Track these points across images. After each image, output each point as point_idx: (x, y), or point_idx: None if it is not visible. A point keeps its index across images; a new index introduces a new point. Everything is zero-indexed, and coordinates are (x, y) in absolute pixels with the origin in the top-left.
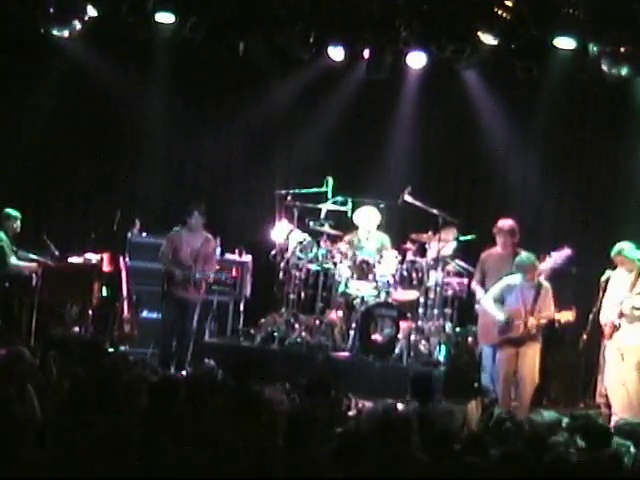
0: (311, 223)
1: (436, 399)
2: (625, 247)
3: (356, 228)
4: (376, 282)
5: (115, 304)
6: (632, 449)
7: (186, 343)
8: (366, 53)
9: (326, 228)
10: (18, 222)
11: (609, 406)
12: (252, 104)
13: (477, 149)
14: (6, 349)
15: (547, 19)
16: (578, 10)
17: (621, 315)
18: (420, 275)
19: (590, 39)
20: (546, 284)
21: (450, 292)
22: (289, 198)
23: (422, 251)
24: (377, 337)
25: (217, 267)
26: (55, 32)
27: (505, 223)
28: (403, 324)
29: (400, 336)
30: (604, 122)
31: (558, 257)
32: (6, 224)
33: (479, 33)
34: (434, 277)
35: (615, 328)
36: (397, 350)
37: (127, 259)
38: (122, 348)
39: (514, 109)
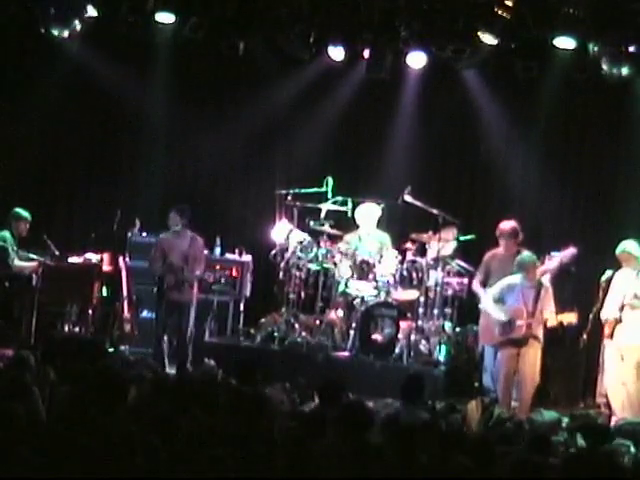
0: (311, 223)
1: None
2: (630, 245)
3: (357, 227)
4: (376, 282)
5: (115, 304)
6: (632, 449)
7: (184, 344)
8: (366, 53)
9: (326, 228)
10: (27, 224)
11: (609, 406)
12: (252, 104)
13: (477, 149)
14: (11, 354)
15: (547, 19)
16: (578, 10)
17: (622, 308)
18: (420, 275)
19: (590, 39)
20: (546, 283)
21: (450, 292)
22: (289, 198)
23: (422, 251)
24: (377, 337)
25: (204, 265)
26: (55, 32)
27: (506, 225)
28: (403, 324)
29: (400, 336)
30: (604, 122)
31: (564, 256)
32: (14, 224)
33: (479, 33)
34: (434, 277)
35: (616, 322)
36: (397, 350)
37: (127, 259)
38: (122, 348)
39: (514, 109)
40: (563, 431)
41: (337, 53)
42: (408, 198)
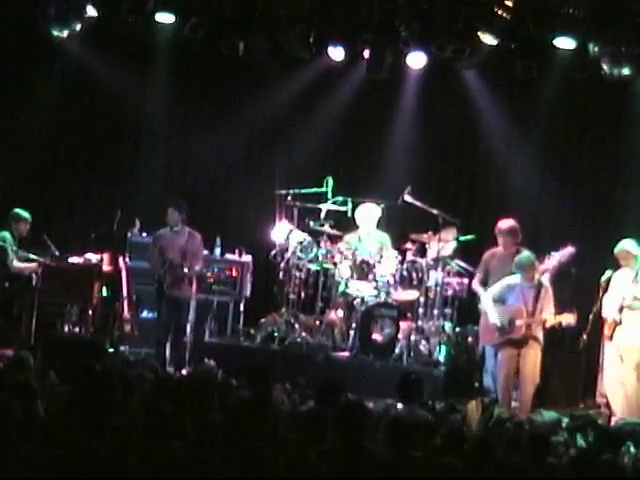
0: (311, 223)
1: (422, 401)
2: (628, 243)
3: (356, 227)
4: (376, 282)
5: (115, 304)
6: (632, 449)
7: (182, 341)
8: (366, 53)
9: (326, 228)
10: (27, 225)
11: (609, 406)
12: (252, 104)
13: (477, 149)
14: (11, 354)
15: (547, 19)
16: (578, 10)
17: (622, 309)
18: (420, 275)
19: (590, 39)
20: (546, 283)
21: (450, 292)
22: (289, 198)
23: (422, 251)
24: (377, 337)
25: (203, 261)
26: (55, 32)
27: (504, 224)
28: (403, 324)
29: (400, 336)
30: (604, 122)
31: (562, 255)
32: (15, 225)
33: (479, 33)
34: (434, 277)
35: (616, 324)
36: (397, 350)
37: (127, 259)
38: (122, 348)
39: (514, 109)
40: (563, 431)
41: (337, 53)
42: (408, 198)
